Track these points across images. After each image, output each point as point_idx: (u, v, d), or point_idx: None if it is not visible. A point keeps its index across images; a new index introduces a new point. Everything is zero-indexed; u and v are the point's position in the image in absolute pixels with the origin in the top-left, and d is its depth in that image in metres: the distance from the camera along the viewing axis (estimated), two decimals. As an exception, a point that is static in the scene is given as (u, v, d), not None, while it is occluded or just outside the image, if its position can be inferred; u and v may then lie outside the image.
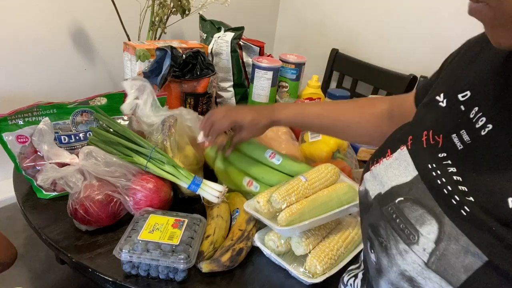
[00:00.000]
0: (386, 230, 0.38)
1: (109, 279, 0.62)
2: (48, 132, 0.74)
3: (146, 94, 0.84)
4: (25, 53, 1.17)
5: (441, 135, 0.39)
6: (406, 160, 0.40)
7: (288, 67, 1.24)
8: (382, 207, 0.39)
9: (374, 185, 0.43)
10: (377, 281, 0.40)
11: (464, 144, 0.36)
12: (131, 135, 0.76)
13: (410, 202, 0.36)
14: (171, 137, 0.79)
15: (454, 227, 0.32)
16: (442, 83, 0.45)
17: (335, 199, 0.72)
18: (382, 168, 0.43)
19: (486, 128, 0.35)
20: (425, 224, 0.34)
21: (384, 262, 0.38)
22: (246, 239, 0.69)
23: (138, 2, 1.18)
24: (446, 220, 0.33)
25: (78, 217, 0.69)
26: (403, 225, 0.36)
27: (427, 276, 0.33)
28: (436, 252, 0.32)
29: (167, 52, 0.92)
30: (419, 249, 0.34)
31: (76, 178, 0.70)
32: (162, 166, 0.74)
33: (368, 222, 0.41)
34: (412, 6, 1.51)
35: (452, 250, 0.31)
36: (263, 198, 0.71)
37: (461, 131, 0.37)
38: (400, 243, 0.36)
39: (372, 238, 0.40)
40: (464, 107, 0.39)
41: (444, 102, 0.41)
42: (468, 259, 0.30)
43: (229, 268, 0.65)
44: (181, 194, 0.79)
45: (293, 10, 1.95)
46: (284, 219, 0.66)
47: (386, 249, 0.37)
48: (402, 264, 0.35)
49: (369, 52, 1.68)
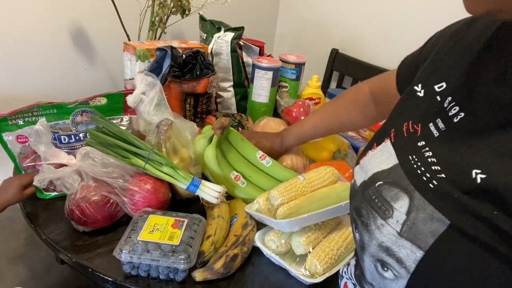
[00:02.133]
0: (367, 210, 0.42)
1: (109, 279, 0.62)
2: (44, 132, 0.74)
3: (154, 91, 0.83)
4: (25, 53, 1.17)
5: (420, 124, 0.42)
6: (389, 151, 0.44)
7: (288, 67, 1.24)
8: (365, 191, 0.44)
9: (360, 175, 0.47)
10: (362, 257, 0.44)
11: (440, 131, 0.40)
12: (128, 137, 0.75)
13: (388, 184, 0.41)
14: (166, 142, 0.78)
15: (422, 199, 0.36)
16: (421, 74, 0.48)
17: (334, 195, 0.72)
18: (367, 159, 0.47)
19: (459, 116, 0.38)
20: (398, 200, 0.38)
21: (365, 238, 0.42)
22: (241, 244, 0.67)
23: (138, 2, 1.18)
24: (416, 194, 0.37)
25: (75, 218, 0.69)
26: (380, 203, 0.40)
27: (400, 244, 0.37)
28: (407, 222, 0.36)
29: (167, 52, 0.92)
30: (393, 221, 0.38)
31: (73, 179, 0.70)
32: (160, 168, 0.74)
33: (353, 206, 0.46)
34: (412, 6, 1.51)
35: (420, 218, 0.35)
36: (262, 198, 0.73)
37: (436, 120, 0.41)
38: (378, 219, 0.40)
39: (356, 220, 0.44)
40: (439, 97, 0.42)
41: (421, 92, 0.45)
42: (434, 224, 0.34)
43: (223, 275, 0.64)
44: (178, 196, 0.79)
45: (293, 10, 1.94)
46: (282, 213, 0.67)
47: (366, 226, 0.41)
48: (380, 237, 0.39)
49: (369, 52, 1.68)
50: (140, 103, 0.83)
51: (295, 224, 0.66)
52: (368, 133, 1.17)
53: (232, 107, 1.24)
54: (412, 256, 0.35)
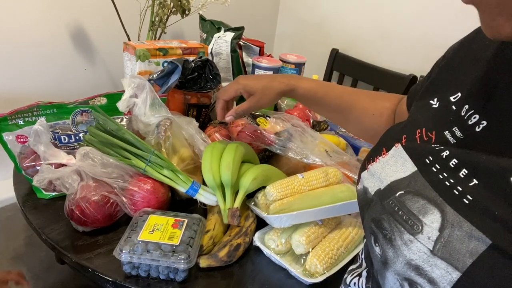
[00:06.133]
0: (389, 223, 0.38)
1: (109, 279, 0.62)
2: (44, 132, 0.74)
3: (145, 93, 0.82)
4: (25, 53, 1.17)
5: (434, 131, 0.40)
6: (403, 156, 0.41)
7: (288, 67, 1.24)
8: (383, 201, 0.40)
9: (373, 182, 0.43)
10: (382, 273, 0.40)
11: (457, 139, 0.38)
12: (129, 137, 0.75)
13: (411, 194, 0.37)
14: (166, 142, 0.78)
15: (457, 215, 0.33)
16: (433, 89, 0.46)
17: (330, 195, 0.72)
18: (379, 166, 0.43)
19: (481, 125, 0.36)
20: (427, 214, 0.35)
21: (389, 254, 0.38)
22: (244, 235, 0.69)
23: (138, 2, 1.18)
24: (448, 209, 0.34)
25: (75, 218, 0.69)
26: (406, 216, 0.36)
27: (433, 263, 0.33)
28: (441, 239, 0.33)
29: (178, 67, 0.90)
30: (423, 238, 0.34)
31: (73, 179, 0.70)
32: (161, 170, 0.74)
33: (371, 217, 0.42)
34: (412, 6, 1.51)
35: (456, 236, 0.32)
36: (261, 193, 0.75)
37: (453, 128, 0.39)
38: (404, 233, 0.36)
39: (375, 232, 0.41)
40: (455, 107, 0.40)
41: (436, 104, 0.43)
42: (473, 243, 0.31)
43: (226, 263, 0.66)
44: (178, 197, 0.79)
45: (293, 10, 1.95)
46: (273, 208, 0.69)
47: (391, 241, 0.38)
48: (408, 254, 0.36)
49: (369, 52, 1.68)
50: (134, 107, 0.83)
51: (285, 220, 0.67)
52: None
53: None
54: (447, 277, 0.32)
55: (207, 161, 0.74)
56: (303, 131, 0.90)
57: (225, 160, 0.74)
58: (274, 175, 0.79)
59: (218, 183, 0.73)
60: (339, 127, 1.21)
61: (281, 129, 0.92)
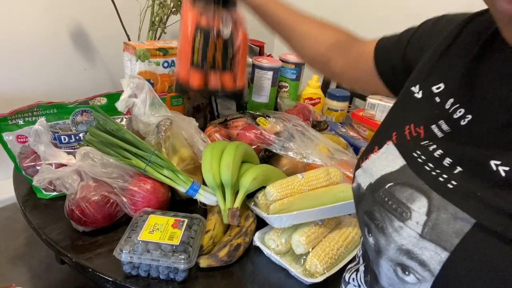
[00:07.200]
0: (380, 213, 0.40)
1: (109, 279, 0.62)
2: (44, 132, 0.74)
3: (144, 92, 0.83)
4: (25, 53, 1.17)
5: (422, 126, 0.42)
6: (394, 153, 0.43)
7: (288, 67, 1.24)
8: (374, 193, 0.42)
9: (365, 178, 0.45)
10: (377, 262, 0.42)
11: (444, 132, 0.39)
12: (130, 137, 0.75)
13: (400, 185, 0.39)
14: (166, 142, 0.78)
15: (442, 199, 0.35)
16: (414, 76, 0.47)
17: (330, 195, 0.72)
18: (370, 162, 0.46)
19: (466, 119, 0.38)
20: (415, 201, 0.37)
21: (382, 242, 0.40)
22: (244, 235, 0.70)
23: (138, 2, 1.18)
24: (434, 194, 0.36)
25: (75, 218, 0.69)
26: (395, 205, 0.39)
27: (423, 246, 0.35)
28: (428, 223, 0.35)
29: None
30: (412, 223, 0.36)
31: (73, 179, 0.70)
32: (161, 170, 0.74)
33: (363, 210, 0.44)
34: (412, 6, 1.51)
35: (442, 218, 0.34)
36: (261, 193, 0.75)
37: (439, 122, 0.40)
38: (394, 221, 0.38)
39: (368, 223, 0.43)
40: (439, 99, 0.41)
41: (419, 94, 0.44)
42: (458, 224, 0.33)
43: (226, 263, 0.66)
44: (178, 197, 0.79)
45: (293, 10, 1.94)
46: (273, 208, 0.69)
47: (382, 229, 0.40)
48: (399, 240, 0.37)
49: (369, 52, 1.68)
50: (133, 107, 0.83)
51: (285, 220, 0.67)
52: (368, 133, 1.17)
53: (232, 107, 1.24)
54: (436, 258, 0.34)
55: (207, 161, 0.75)
56: (303, 131, 0.90)
57: (225, 160, 0.74)
58: (274, 175, 0.79)
59: (218, 183, 0.73)
60: (339, 127, 1.21)
61: (281, 129, 0.92)
